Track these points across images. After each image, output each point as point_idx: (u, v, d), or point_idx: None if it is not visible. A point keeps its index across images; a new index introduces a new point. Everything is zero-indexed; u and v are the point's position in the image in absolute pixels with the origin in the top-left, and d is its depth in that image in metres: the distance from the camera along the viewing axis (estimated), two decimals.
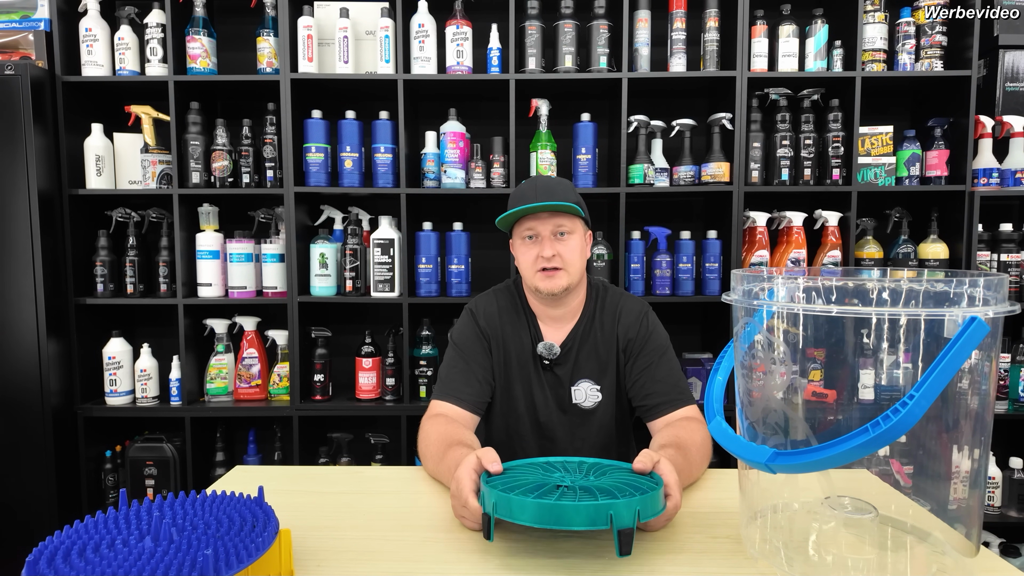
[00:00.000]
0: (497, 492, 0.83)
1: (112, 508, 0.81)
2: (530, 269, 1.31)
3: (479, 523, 0.88)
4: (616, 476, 0.94)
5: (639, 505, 0.80)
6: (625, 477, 0.93)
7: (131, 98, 2.31)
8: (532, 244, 1.31)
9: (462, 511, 0.93)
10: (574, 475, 0.94)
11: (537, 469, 0.97)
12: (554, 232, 1.29)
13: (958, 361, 0.63)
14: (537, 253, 1.29)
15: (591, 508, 0.78)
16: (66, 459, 2.14)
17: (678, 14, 2.13)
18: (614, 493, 0.84)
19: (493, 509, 0.82)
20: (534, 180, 1.33)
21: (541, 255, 1.29)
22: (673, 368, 1.34)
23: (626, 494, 0.84)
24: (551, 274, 1.29)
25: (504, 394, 1.39)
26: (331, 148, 2.19)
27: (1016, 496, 2.14)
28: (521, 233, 1.32)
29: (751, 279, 0.86)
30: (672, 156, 2.22)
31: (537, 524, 0.79)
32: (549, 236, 1.29)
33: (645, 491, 0.85)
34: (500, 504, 0.82)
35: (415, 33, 2.12)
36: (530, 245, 1.31)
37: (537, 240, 1.30)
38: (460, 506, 0.92)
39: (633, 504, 0.79)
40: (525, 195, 1.29)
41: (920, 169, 2.15)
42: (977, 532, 0.78)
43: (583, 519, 0.78)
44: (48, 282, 2.06)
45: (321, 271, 2.18)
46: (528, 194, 1.29)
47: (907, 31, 2.10)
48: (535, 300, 1.38)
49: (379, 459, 2.26)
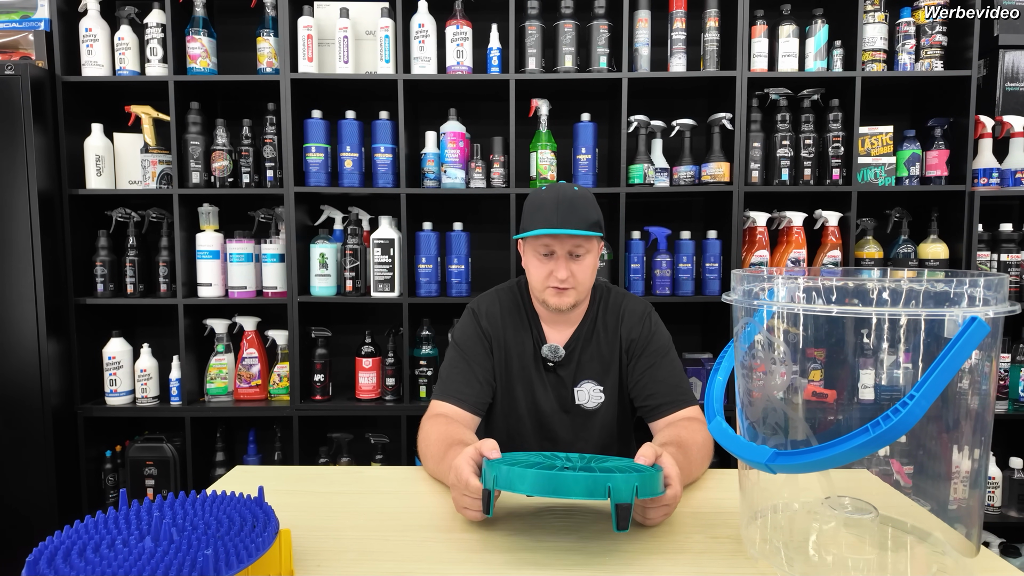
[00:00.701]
0: (497, 465, 0.84)
1: (112, 508, 0.81)
2: (541, 284, 1.30)
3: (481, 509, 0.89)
4: (616, 464, 0.95)
5: (637, 481, 0.81)
6: (625, 465, 0.94)
7: (131, 98, 2.30)
8: (546, 261, 1.28)
9: (463, 499, 0.93)
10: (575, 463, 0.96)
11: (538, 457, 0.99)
12: (571, 252, 1.27)
13: (958, 361, 0.63)
14: (550, 271, 1.27)
15: (590, 479, 0.79)
16: (66, 459, 2.13)
17: (678, 14, 2.13)
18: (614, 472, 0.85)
19: (493, 483, 0.84)
20: (556, 191, 1.27)
21: (555, 275, 1.26)
22: (675, 369, 1.34)
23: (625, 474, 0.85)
24: (561, 292, 1.28)
25: (505, 395, 1.39)
26: (331, 148, 2.19)
27: (1016, 496, 2.14)
28: (536, 248, 1.28)
29: (751, 279, 0.86)
30: (672, 156, 2.22)
31: (536, 493, 0.80)
32: (565, 256, 1.27)
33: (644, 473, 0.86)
34: (500, 477, 0.83)
35: (415, 33, 2.12)
36: (544, 261, 1.28)
37: (552, 257, 1.28)
38: (461, 491, 0.92)
39: (631, 480, 0.80)
40: (545, 206, 1.25)
41: (920, 169, 2.15)
42: (977, 532, 0.78)
43: (581, 489, 0.79)
44: (48, 282, 2.06)
45: (321, 271, 2.18)
46: (548, 206, 1.25)
47: (907, 31, 2.10)
48: (540, 305, 1.38)
49: (379, 459, 2.26)
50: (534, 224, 1.26)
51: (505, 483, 0.82)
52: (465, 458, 0.93)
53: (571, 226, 1.23)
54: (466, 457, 0.93)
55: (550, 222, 1.23)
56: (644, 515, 0.92)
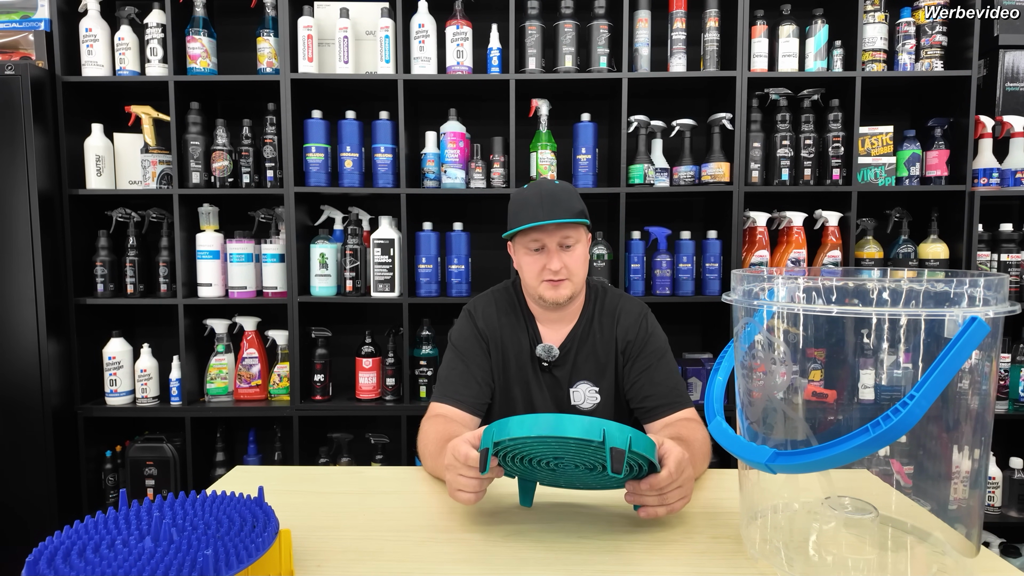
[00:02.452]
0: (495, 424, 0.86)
1: (112, 508, 0.81)
2: (535, 279, 1.31)
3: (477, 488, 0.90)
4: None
5: (631, 433, 0.82)
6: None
7: (131, 98, 2.30)
8: (538, 255, 1.30)
9: (459, 479, 0.90)
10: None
11: None
12: (560, 244, 1.28)
13: (958, 361, 0.62)
14: (543, 265, 1.28)
15: (587, 421, 0.81)
16: (66, 459, 2.13)
17: (678, 14, 2.13)
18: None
19: (491, 437, 0.85)
20: (538, 187, 1.30)
21: (548, 267, 1.28)
22: (672, 371, 1.34)
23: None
24: (556, 284, 1.29)
25: (503, 396, 1.39)
26: (331, 148, 2.19)
27: (1016, 496, 2.14)
28: (526, 243, 1.30)
29: (751, 279, 0.86)
30: (672, 156, 2.22)
31: (534, 433, 0.81)
32: (555, 248, 1.28)
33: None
34: (498, 430, 0.84)
35: (415, 33, 2.12)
36: (536, 256, 1.30)
37: (543, 251, 1.29)
38: (457, 470, 0.90)
39: (626, 431, 0.82)
40: (529, 202, 1.27)
41: (920, 169, 2.15)
42: (977, 532, 0.78)
43: (579, 428, 0.80)
44: (48, 282, 2.06)
45: (321, 271, 2.18)
46: (532, 201, 1.27)
47: (907, 31, 2.10)
48: (535, 303, 1.38)
49: (379, 459, 2.26)
50: (520, 220, 1.27)
51: (503, 433, 0.83)
52: (462, 439, 0.92)
53: (557, 216, 1.24)
54: (463, 438, 0.92)
55: (536, 216, 1.25)
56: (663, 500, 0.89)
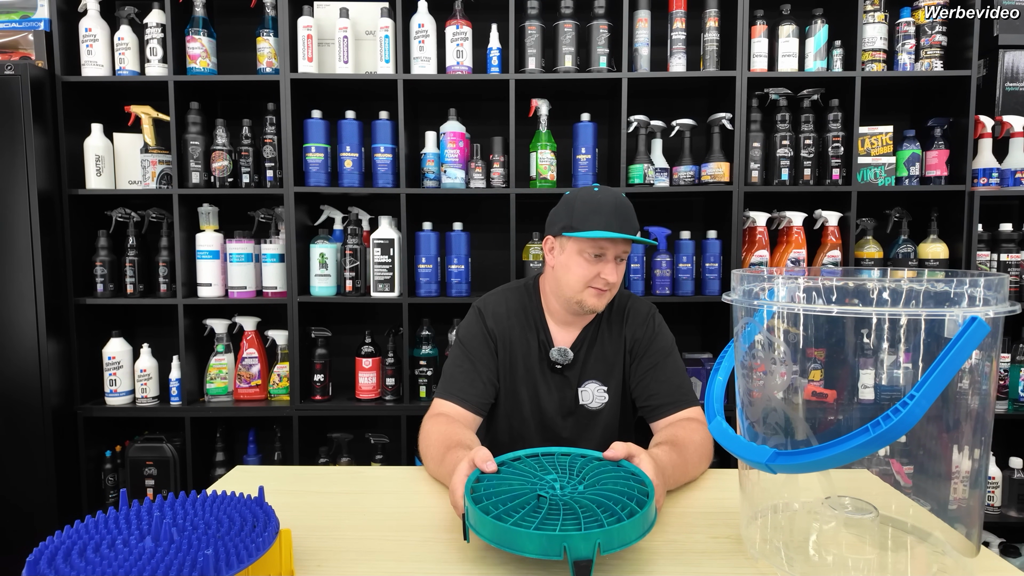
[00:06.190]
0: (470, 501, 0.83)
1: (112, 508, 0.81)
2: (580, 283, 1.29)
3: None
4: (610, 484, 0.89)
5: (600, 537, 0.75)
6: (620, 486, 0.88)
7: (131, 98, 2.30)
8: (595, 263, 1.28)
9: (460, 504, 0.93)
10: (566, 478, 0.92)
11: (531, 468, 0.95)
12: (618, 256, 1.29)
13: (958, 361, 0.62)
14: (597, 273, 1.28)
15: (544, 538, 0.75)
16: (66, 459, 2.13)
17: (678, 14, 2.13)
18: (594, 510, 0.81)
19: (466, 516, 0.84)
20: (612, 195, 1.28)
21: (604, 277, 1.27)
22: (678, 370, 1.34)
23: (608, 511, 0.80)
24: (602, 294, 1.30)
25: (509, 396, 1.39)
26: (331, 148, 2.19)
27: (1016, 496, 2.14)
28: (588, 248, 1.27)
29: (751, 279, 0.86)
30: (672, 156, 2.22)
31: (492, 543, 0.78)
32: (614, 261, 1.29)
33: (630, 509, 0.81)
34: (470, 513, 0.83)
35: (415, 33, 2.12)
36: (593, 263, 1.28)
37: (602, 259, 1.28)
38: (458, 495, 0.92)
39: (593, 536, 0.74)
40: (603, 209, 1.25)
41: (920, 169, 2.15)
42: (977, 532, 0.78)
43: (535, 547, 0.75)
44: (48, 282, 2.06)
45: (321, 271, 2.18)
46: (606, 209, 1.25)
47: (907, 31, 2.10)
48: (560, 306, 1.37)
49: (379, 459, 2.26)
50: (591, 225, 1.25)
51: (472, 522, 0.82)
52: (460, 477, 0.91)
53: (628, 231, 1.25)
54: (461, 476, 0.92)
55: (611, 225, 1.24)
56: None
